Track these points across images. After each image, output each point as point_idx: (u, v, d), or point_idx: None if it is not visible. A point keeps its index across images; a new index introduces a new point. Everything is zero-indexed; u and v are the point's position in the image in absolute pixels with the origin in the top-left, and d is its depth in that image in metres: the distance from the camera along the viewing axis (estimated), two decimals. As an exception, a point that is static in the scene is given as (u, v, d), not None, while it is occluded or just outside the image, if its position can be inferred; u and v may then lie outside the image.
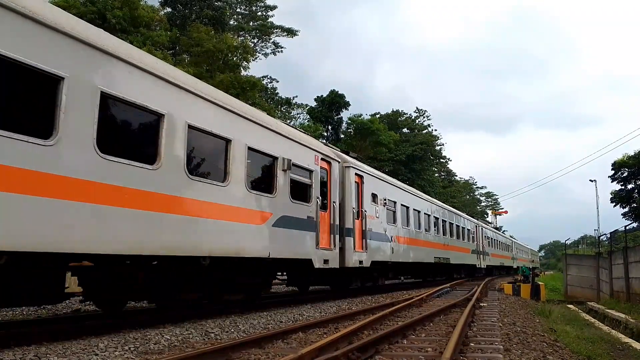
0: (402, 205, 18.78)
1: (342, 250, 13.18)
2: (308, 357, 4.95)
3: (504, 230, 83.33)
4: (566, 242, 48.33)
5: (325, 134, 48.57)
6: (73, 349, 5.64)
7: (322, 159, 12.54)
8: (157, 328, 7.45)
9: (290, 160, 10.57)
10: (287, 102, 47.09)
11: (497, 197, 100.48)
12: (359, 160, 16.43)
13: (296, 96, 56.43)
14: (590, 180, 53.69)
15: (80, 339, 6.36)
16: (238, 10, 44.07)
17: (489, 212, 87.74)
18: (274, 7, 43.46)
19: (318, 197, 11.96)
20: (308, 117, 48.18)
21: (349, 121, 48.17)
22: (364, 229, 14.65)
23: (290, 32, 43.90)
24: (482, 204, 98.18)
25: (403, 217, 18.97)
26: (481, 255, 33.76)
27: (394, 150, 50.93)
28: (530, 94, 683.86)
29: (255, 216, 9.46)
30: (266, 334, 6.66)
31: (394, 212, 17.89)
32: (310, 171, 11.76)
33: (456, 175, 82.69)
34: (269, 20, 43.57)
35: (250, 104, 10.54)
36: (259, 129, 9.82)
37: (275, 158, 10.25)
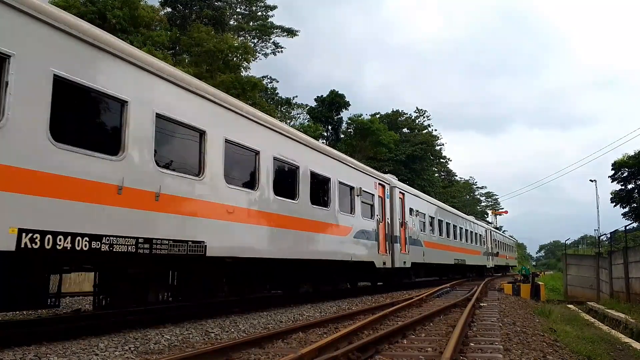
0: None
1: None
2: (308, 357, 4.95)
3: (504, 230, 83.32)
4: (566, 242, 48.41)
5: (325, 134, 48.50)
6: (73, 349, 5.64)
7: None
8: (157, 328, 7.45)
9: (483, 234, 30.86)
10: (287, 102, 47.02)
11: (497, 197, 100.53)
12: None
13: (296, 96, 56.44)
14: (591, 180, 53.59)
15: (80, 339, 6.36)
16: (238, 10, 43.93)
17: (489, 212, 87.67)
18: (274, 7, 43.38)
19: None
20: (308, 117, 48.14)
21: (349, 121, 48.06)
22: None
23: (290, 32, 43.73)
24: (482, 204, 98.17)
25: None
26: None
27: (394, 150, 50.83)
28: (521, 93, 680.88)
29: (477, 251, 23.25)
30: (266, 334, 6.66)
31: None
32: (479, 235, 28.95)
33: (456, 175, 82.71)
34: (269, 20, 43.47)
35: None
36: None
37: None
